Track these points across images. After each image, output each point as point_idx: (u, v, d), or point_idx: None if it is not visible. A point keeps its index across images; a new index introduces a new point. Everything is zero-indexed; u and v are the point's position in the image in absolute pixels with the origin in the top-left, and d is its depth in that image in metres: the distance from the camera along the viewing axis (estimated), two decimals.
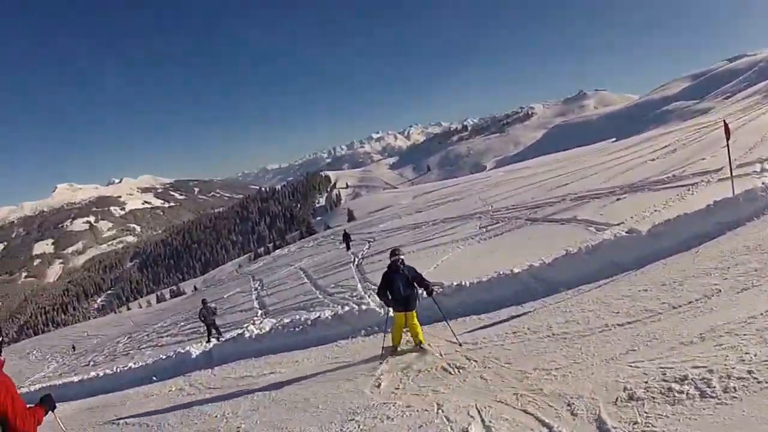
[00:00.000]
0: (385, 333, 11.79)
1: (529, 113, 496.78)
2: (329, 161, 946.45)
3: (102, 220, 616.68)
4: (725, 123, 17.52)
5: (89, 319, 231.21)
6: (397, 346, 11.08)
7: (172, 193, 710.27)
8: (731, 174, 16.54)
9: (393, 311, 10.96)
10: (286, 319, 17.38)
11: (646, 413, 5.50)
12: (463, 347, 9.93)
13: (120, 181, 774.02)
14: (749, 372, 5.52)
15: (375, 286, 19.99)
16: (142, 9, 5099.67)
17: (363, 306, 15.24)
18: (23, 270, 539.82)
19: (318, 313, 16.63)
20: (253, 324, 19.59)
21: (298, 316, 17.82)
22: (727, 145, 16.77)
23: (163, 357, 20.90)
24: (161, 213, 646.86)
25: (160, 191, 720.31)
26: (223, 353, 17.08)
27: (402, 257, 10.90)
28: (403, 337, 11.24)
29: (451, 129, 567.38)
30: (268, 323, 17.81)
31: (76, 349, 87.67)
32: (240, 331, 18.44)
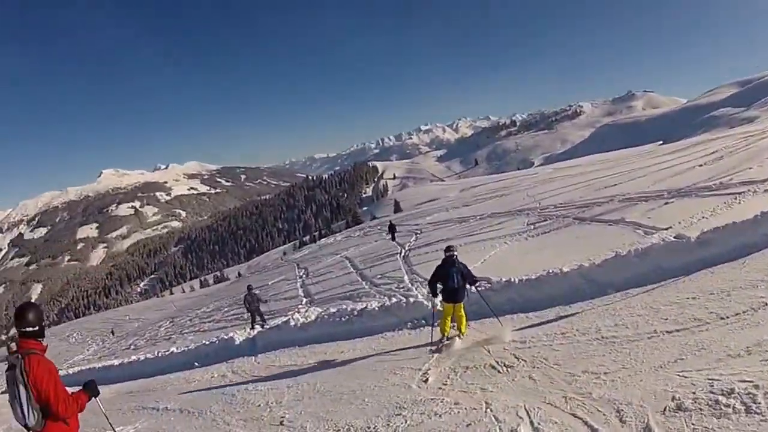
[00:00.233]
0: (433, 326, 11.88)
1: (578, 111, 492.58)
2: (377, 152, 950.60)
3: (147, 205, 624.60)
4: None
5: (131, 303, 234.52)
6: (445, 336, 11.34)
7: (218, 180, 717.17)
8: None
9: (442, 302, 11.43)
10: (332, 309, 17.35)
11: (693, 425, 5.44)
12: (512, 345, 9.80)
13: (166, 167, 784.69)
14: None
15: (422, 278, 19.80)
16: None
17: (410, 298, 15.14)
18: (66, 254, 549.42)
19: (364, 304, 16.64)
20: (298, 312, 19.49)
21: (344, 306, 17.78)
22: None
23: (206, 343, 20.98)
24: (207, 199, 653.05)
25: (206, 178, 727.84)
26: (267, 341, 17.07)
27: (456, 253, 11.52)
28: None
29: (500, 124, 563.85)
30: (313, 312, 17.68)
31: (115, 334, 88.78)
32: (285, 319, 18.41)
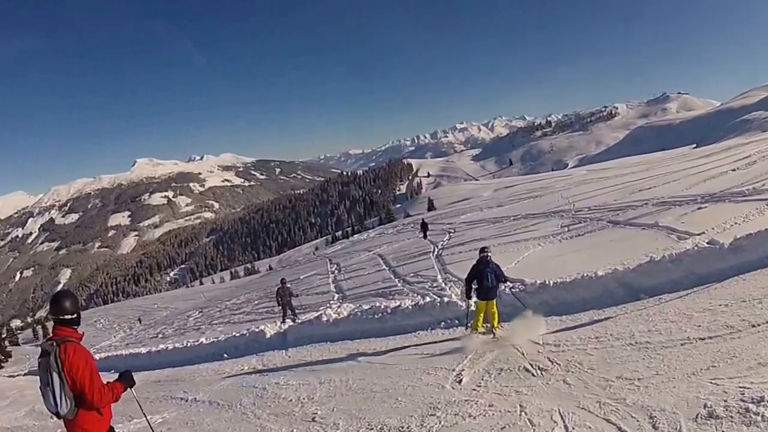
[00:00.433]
0: (468, 324, 12.31)
1: (613, 113, 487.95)
2: (412, 149, 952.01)
3: (180, 195, 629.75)
4: None
5: (160, 292, 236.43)
6: (477, 332, 12.04)
7: (253, 173, 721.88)
8: None
9: (477, 299, 12.30)
10: (365, 305, 17.39)
11: None
12: (546, 348, 9.79)
13: (201, 158, 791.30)
14: None
15: (455, 278, 19.73)
16: None
17: (444, 298, 15.18)
18: (97, 240, 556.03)
19: (398, 302, 16.67)
20: (330, 308, 19.44)
21: (377, 303, 17.83)
22: None
23: (236, 335, 21.03)
24: (241, 191, 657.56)
25: (241, 170, 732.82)
26: (299, 335, 17.11)
27: (490, 254, 12.40)
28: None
29: (535, 124, 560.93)
30: (346, 308, 17.70)
31: (142, 322, 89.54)
32: (317, 314, 18.42)
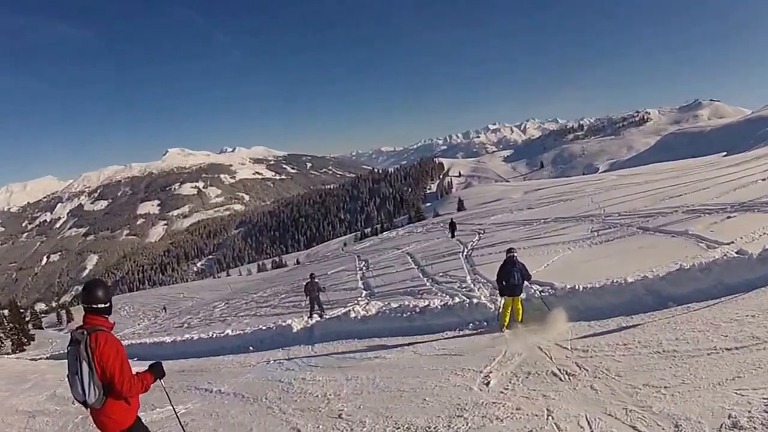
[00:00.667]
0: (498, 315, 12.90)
1: (645, 118, 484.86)
2: (444, 148, 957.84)
3: (211, 186, 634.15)
4: None
5: (186, 282, 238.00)
6: (504, 327, 13.00)
7: (284, 166, 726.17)
8: None
9: (504, 297, 13.42)
10: (393, 304, 17.45)
11: None
12: (574, 354, 9.77)
13: (233, 150, 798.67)
14: None
15: (484, 279, 19.75)
16: None
17: (473, 299, 15.20)
18: (125, 228, 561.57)
19: (426, 302, 16.71)
20: (358, 304, 19.42)
21: (405, 301, 17.86)
22: None
23: (262, 327, 21.17)
24: (271, 184, 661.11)
25: (272, 163, 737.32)
26: (326, 331, 17.19)
27: (516, 254, 13.90)
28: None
29: (567, 127, 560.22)
30: (374, 306, 17.71)
31: (167, 311, 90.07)
32: (345, 310, 18.45)
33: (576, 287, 13.51)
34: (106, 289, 5.78)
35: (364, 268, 42.24)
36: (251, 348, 18.63)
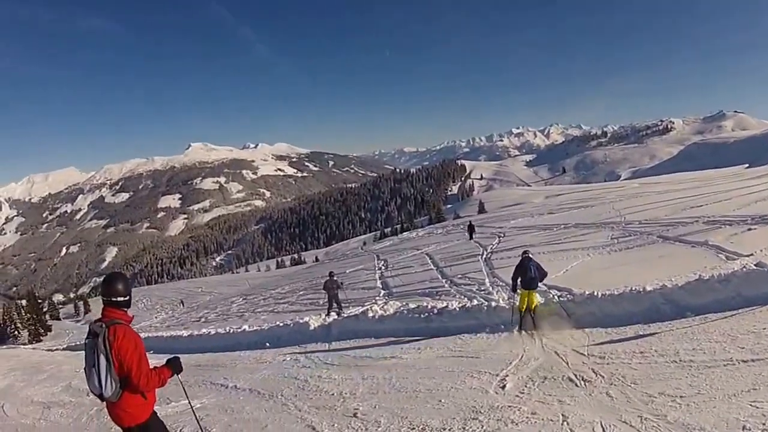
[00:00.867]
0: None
1: (668, 127, 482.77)
2: (467, 150, 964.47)
3: (232, 181, 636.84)
4: None
5: (205, 276, 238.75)
6: (521, 312, 13.97)
7: (306, 164, 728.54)
8: None
9: (521, 289, 14.38)
10: (411, 304, 17.48)
11: None
12: (591, 360, 9.77)
13: (256, 146, 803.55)
14: None
15: (503, 282, 19.89)
16: None
17: (492, 302, 15.18)
18: (145, 221, 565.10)
19: (444, 303, 16.77)
20: (376, 304, 19.45)
21: (423, 302, 17.96)
22: None
23: (279, 324, 21.20)
24: (293, 182, 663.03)
25: (294, 160, 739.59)
26: (343, 329, 17.24)
27: (530, 254, 15.07)
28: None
29: (591, 133, 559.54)
30: (392, 305, 17.71)
31: (185, 305, 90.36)
32: (363, 309, 18.47)
33: (594, 293, 13.51)
34: (125, 283, 5.84)
35: (383, 267, 42.28)
36: (268, 344, 18.71)
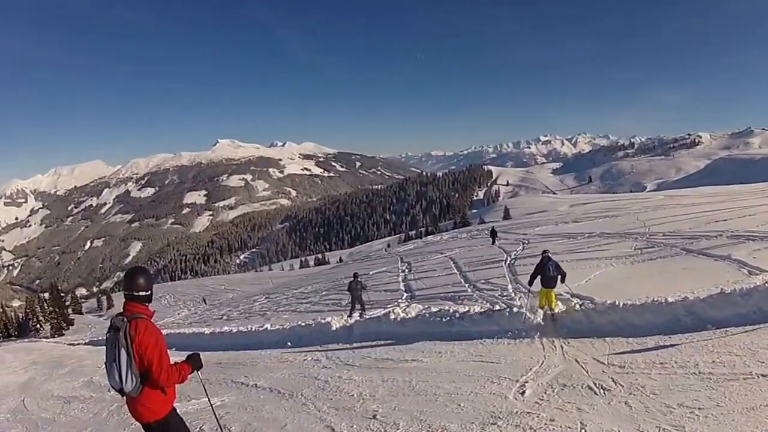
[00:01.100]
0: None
1: (696, 141, 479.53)
2: (494, 156, 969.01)
3: (259, 179, 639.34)
4: None
5: (228, 274, 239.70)
6: (541, 308, 15.31)
7: (333, 164, 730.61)
8: None
9: (541, 287, 15.93)
10: (433, 308, 17.56)
11: None
12: (611, 369, 9.76)
13: (283, 145, 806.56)
14: None
15: (526, 289, 20.01)
16: None
17: (514, 308, 15.21)
18: (170, 216, 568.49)
19: (467, 308, 16.88)
20: (398, 306, 19.50)
21: (446, 306, 17.98)
22: None
23: (301, 324, 21.31)
24: (319, 181, 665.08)
25: (321, 160, 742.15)
26: (365, 331, 17.33)
27: (550, 254, 16.44)
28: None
29: (618, 144, 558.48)
30: (414, 308, 17.78)
31: (207, 302, 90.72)
32: (385, 312, 18.51)
33: (616, 303, 13.50)
34: (147, 277, 5.94)
35: (406, 270, 42.26)
36: (289, 344, 18.84)
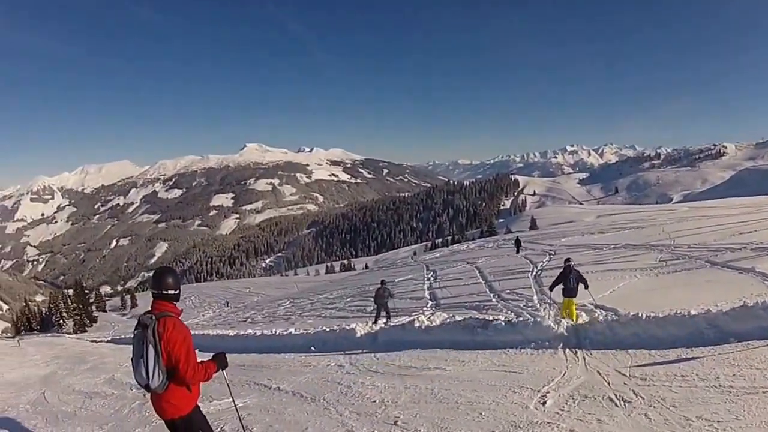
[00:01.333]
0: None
1: (721, 152, 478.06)
2: (521, 166, 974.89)
3: (286, 184, 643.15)
4: None
5: (254, 277, 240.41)
6: (563, 318, 15.97)
7: (360, 170, 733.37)
8: None
9: (563, 297, 17.78)
10: (458, 317, 17.62)
11: None
12: (632, 381, 9.77)
13: (311, 151, 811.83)
14: None
15: (551, 300, 20.14)
16: None
17: (538, 319, 15.08)
18: (197, 218, 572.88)
19: (491, 317, 16.94)
20: (423, 314, 19.59)
21: (470, 315, 18.07)
22: None
23: (326, 329, 21.43)
24: (346, 187, 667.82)
25: (349, 166, 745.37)
26: (389, 338, 17.35)
27: (572, 264, 18.19)
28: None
29: (644, 155, 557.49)
30: (439, 317, 17.83)
31: (230, 305, 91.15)
32: (410, 319, 18.57)
33: (640, 315, 13.38)
34: (176, 277, 6.14)
35: (431, 278, 42.51)
36: (313, 348, 18.93)
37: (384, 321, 23.38)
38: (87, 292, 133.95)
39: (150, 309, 5.95)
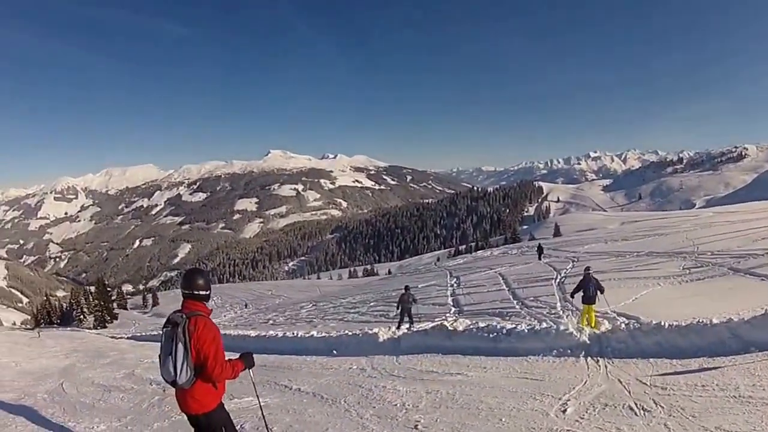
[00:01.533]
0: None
1: (742, 154, 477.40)
2: (545, 172, 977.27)
3: (310, 190, 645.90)
4: None
5: (276, 280, 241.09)
6: (582, 326, 15.81)
7: (384, 177, 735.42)
8: None
9: (583, 304, 18.70)
10: (481, 323, 17.53)
11: None
12: (652, 390, 9.73)
13: (334, 157, 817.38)
14: None
15: (574, 308, 20.29)
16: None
17: (561, 326, 15.03)
18: (221, 221, 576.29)
19: (514, 324, 16.83)
20: (446, 320, 19.55)
21: (493, 322, 17.99)
22: None
23: (348, 333, 21.37)
24: (370, 194, 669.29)
25: (372, 173, 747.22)
26: (412, 343, 17.34)
27: (591, 272, 19.31)
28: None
29: (667, 160, 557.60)
30: (462, 323, 17.78)
31: (249, 307, 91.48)
32: (433, 325, 18.45)
33: (662, 324, 13.33)
34: (206, 278, 6.27)
35: (455, 284, 42.42)
36: (335, 351, 18.97)
37: (407, 326, 23.48)
38: (109, 289, 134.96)
39: (180, 308, 6.09)
